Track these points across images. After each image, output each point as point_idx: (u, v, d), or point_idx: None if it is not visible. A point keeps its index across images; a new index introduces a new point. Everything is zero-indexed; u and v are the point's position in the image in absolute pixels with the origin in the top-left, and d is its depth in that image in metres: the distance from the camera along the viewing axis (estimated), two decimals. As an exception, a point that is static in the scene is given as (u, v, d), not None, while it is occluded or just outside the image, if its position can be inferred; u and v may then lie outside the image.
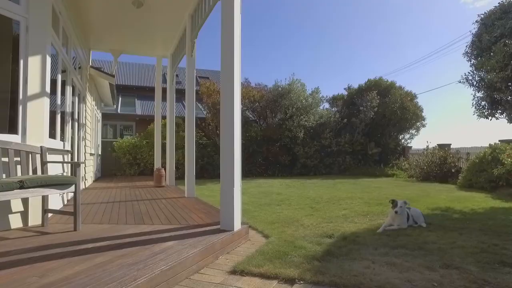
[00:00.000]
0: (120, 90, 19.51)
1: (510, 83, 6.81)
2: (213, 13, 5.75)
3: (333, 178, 12.52)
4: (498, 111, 7.47)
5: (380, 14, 44.27)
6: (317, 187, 9.41)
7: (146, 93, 20.52)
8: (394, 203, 4.34)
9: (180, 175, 10.84)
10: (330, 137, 15.45)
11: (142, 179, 11.41)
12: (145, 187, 8.64)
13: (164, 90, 10.25)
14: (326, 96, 17.80)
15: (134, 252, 2.82)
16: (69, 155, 6.24)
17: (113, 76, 9.76)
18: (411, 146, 17.33)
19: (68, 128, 6.31)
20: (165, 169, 9.39)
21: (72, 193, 3.76)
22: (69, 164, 6.10)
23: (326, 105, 18.04)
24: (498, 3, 6.85)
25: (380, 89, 16.67)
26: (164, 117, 11.17)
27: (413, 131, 17.41)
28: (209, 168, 13.45)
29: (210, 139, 14.43)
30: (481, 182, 9.26)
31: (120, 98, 18.99)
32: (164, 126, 10.90)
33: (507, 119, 7.23)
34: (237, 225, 3.81)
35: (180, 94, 15.35)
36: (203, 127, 14.68)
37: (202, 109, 16.84)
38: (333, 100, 17.99)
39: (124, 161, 13.79)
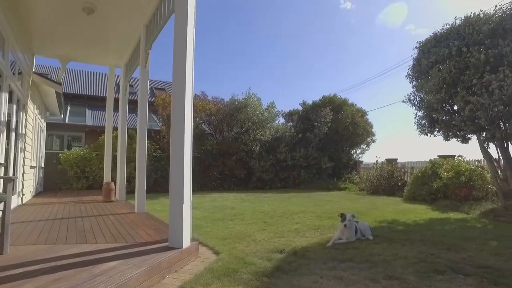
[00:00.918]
0: (69, 98, 18.41)
1: (444, 104, 7.46)
2: (170, 25, 5.68)
3: (288, 192, 12.71)
4: (436, 129, 8.09)
5: (334, 33, 46.74)
6: (272, 201, 9.48)
7: (97, 102, 19.54)
8: (343, 217, 4.48)
9: (132, 189, 10.29)
10: (285, 152, 15.73)
11: (90, 194, 10.72)
12: (93, 202, 8.13)
13: (116, 100, 9.84)
14: (282, 110, 18.22)
15: (70, 275, 2.60)
16: (2, 168, 5.69)
17: (60, 84, 9.18)
18: (362, 161, 18.18)
19: (3, 139, 5.77)
20: (115, 183, 8.93)
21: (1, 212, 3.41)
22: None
23: (282, 120, 18.45)
24: (433, 33, 7.59)
25: (334, 105, 17.40)
26: (116, 128, 10.68)
27: (364, 146, 18.32)
28: (163, 182, 13.01)
29: (164, 152, 14.02)
30: (423, 194, 9.94)
31: (68, 107, 17.89)
32: (115, 137, 10.41)
33: (443, 137, 7.87)
34: (187, 242, 3.69)
35: (134, 105, 14.68)
36: (157, 140, 14.25)
37: (157, 121, 16.39)
38: (289, 115, 18.43)
39: (71, 174, 12.88)
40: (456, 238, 4.79)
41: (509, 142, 7.09)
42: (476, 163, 9.98)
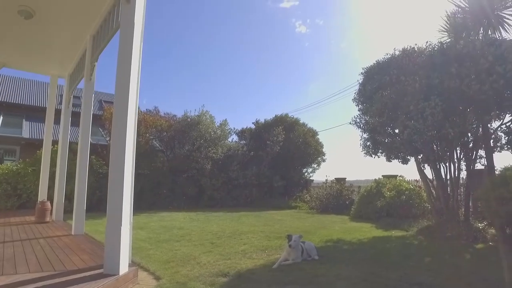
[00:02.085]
0: (4, 108, 16.83)
1: (387, 128, 7.97)
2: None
3: (239, 211, 12.57)
4: (380, 151, 8.58)
5: (288, 55, 48.60)
6: (222, 221, 9.28)
7: (38, 113, 17.96)
8: (289, 237, 4.49)
9: (73, 208, 9.55)
10: (237, 170, 15.67)
11: (21, 214, 9.68)
12: (23, 224, 7.33)
13: (59, 112, 9.18)
14: (235, 128, 18.26)
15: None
16: None
17: (-9, 92, 8.36)
18: (313, 180, 18.66)
19: None
20: (52, 202, 8.19)
21: None
22: None
23: (235, 138, 18.48)
24: (376, 60, 8.18)
25: (286, 124, 17.83)
26: (57, 142, 9.90)
27: (315, 165, 18.85)
28: (108, 200, 12.20)
29: (111, 168, 13.26)
30: (369, 213, 10.39)
31: (1, 117, 16.32)
32: (56, 152, 9.64)
33: (385, 158, 8.36)
34: (124, 268, 3.43)
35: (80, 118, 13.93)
36: (104, 155, 13.44)
37: (104, 136, 15.55)
38: (242, 133, 18.52)
39: (-2, 191, 11.57)
40: (395, 255, 5.02)
41: (441, 164, 7.71)
42: (415, 182, 10.71)
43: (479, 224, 6.78)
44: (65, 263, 3.75)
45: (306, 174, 18.74)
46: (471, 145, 7.42)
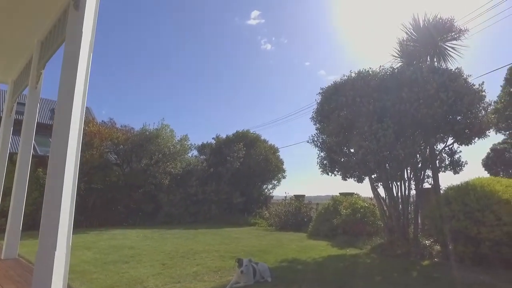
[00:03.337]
0: None
1: (343, 147, 8.20)
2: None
3: (196, 228, 12.18)
4: (336, 169, 8.77)
5: (253, 71, 49.31)
6: (177, 239, 8.91)
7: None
8: (239, 262, 4.36)
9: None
10: (196, 185, 15.33)
11: None
12: None
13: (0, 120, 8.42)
14: (195, 144, 17.98)
15: None
16: None
17: None
18: (273, 196, 18.68)
19: None
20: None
21: None
22: None
23: (195, 152, 18.16)
24: (333, 81, 8.44)
25: (247, 141, 17.83)
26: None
27: (275, 182, 18.94)
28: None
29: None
30: (325, 230, 10.48)
31: None
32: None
33: (341, 177, 8.55)
34: (56, 297, 3.08)
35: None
36: (52, 168, 12.54)
37: (54, 147, 14.58)
38: (202, 148, 18.25)
39: None
40: (348, 275, 5.05)
41: (393, 183, 8.02)
42: (370, 200, 11.03)
43: (426, 241, 7.08)
44: (-14, 293, 3.32)
45: (266, 190, 18.75)
46: (419, 165, 7.81)
